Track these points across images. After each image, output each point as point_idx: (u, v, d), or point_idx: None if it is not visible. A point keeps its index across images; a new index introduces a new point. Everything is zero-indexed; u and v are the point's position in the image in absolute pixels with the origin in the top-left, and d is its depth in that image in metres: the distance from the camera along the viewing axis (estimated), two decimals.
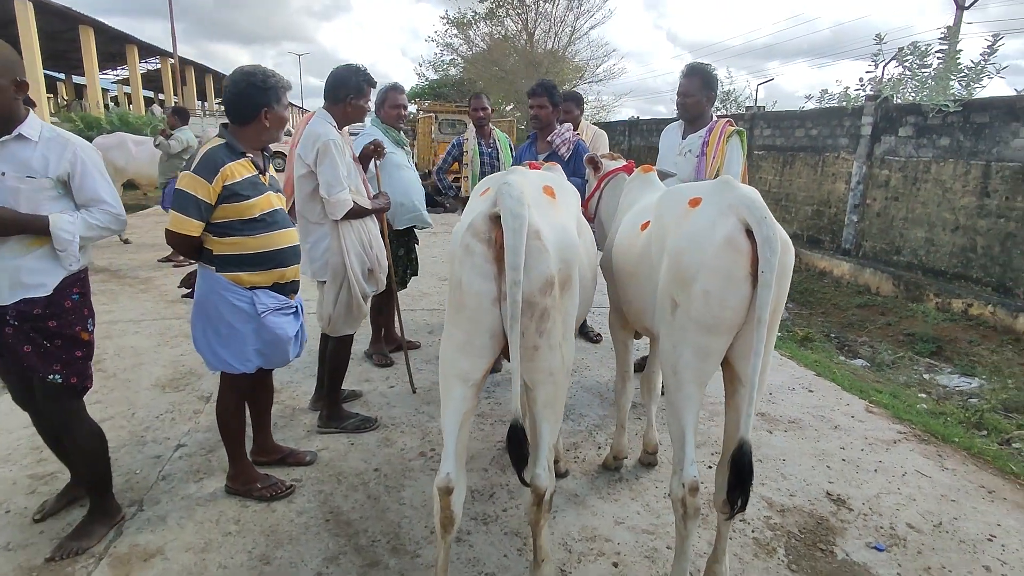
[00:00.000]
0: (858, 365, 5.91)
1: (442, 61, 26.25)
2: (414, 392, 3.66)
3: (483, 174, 4.55)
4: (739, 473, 1.75)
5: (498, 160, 4.58)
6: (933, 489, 2.89)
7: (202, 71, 32.53)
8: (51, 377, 2.05)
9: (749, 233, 1.66)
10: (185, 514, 2.46)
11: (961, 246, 7.86)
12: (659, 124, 17.09)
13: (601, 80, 21.82)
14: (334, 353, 3.11)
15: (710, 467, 2.99)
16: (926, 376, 6.13)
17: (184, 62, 27.10)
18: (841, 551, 2.41)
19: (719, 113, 13.99)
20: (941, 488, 2.90)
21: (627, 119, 17.32)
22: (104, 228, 2.10)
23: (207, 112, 27.23)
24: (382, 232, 3.20)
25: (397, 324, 3.93)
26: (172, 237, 2.19)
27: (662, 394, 2.28)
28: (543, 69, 21.58)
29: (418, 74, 30.19)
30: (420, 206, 4.16)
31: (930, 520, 2.64)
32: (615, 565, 2.27)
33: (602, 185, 2.96)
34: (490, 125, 4.52)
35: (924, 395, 4.87)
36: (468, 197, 4.66)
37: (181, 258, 6.84)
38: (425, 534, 2.39)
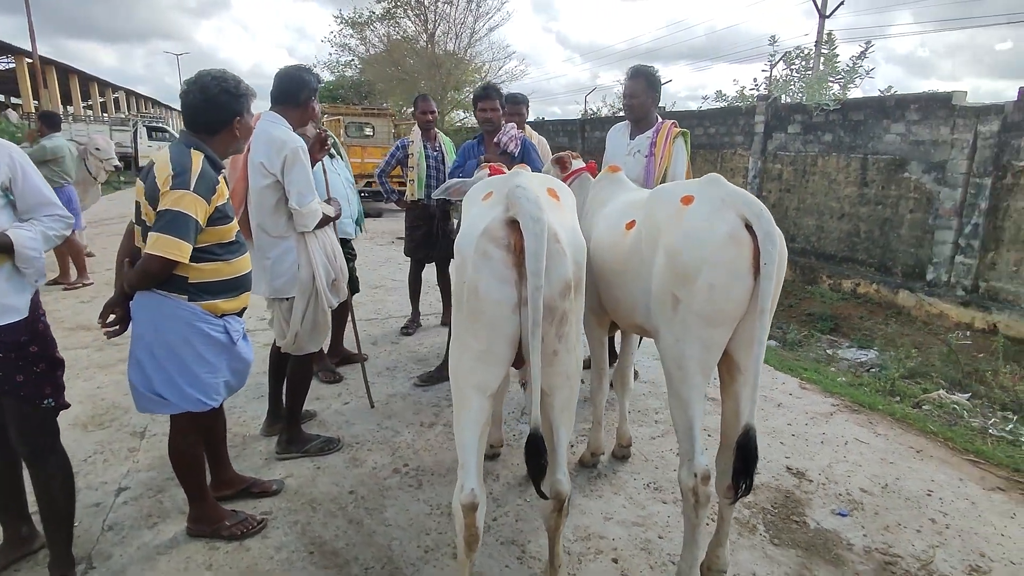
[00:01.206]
0: (773, 345, 6.36)
1: (338, 62, 25.42)
2: (372, 407, 3.51)
3: (429, 177, 4.45)
4: (745, 458, 1.82)
5: (443, 163, 4.50)
6: (873, 454, 3.17)
7: (65, 71, 29.40)
8: (45, 403, 1.96)
9: (748, 228, 1.73)
10: (146, 565, 2.21)
11: (847, 231, 8.68)
12: (564, 125, 17.53)
13: (503, 82, 21.99)
14: (296, 373, 2.91)
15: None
16: (829, 351, 6.72)
17: (44, 61, 24.32)
18: (812, 520, 2.58)
19: (620, 114, 14.52)
20: (879, 452, 3.19)
21: (532, 120, 17.59)
22: (59, 236, 1.92)
23: (75, 118, 24.68)
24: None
25: (350, 336, 3.76)
26: (157, 264, 1.90)
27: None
28: (444, 70, 21.45)
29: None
30: (359, 213, 4.01)
31: (877, 483, 2.89)
32: (615, 561, 2.30)
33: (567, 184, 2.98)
34: (435, 129, 4.44)
35: (833, 369, 5.33)
36: (413, 201, 4.56)
37: (73, 280, 6.14)
38: (420, 554, 2.30)
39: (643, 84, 3.25)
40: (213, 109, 2.03)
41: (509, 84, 22.18)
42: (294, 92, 2.72)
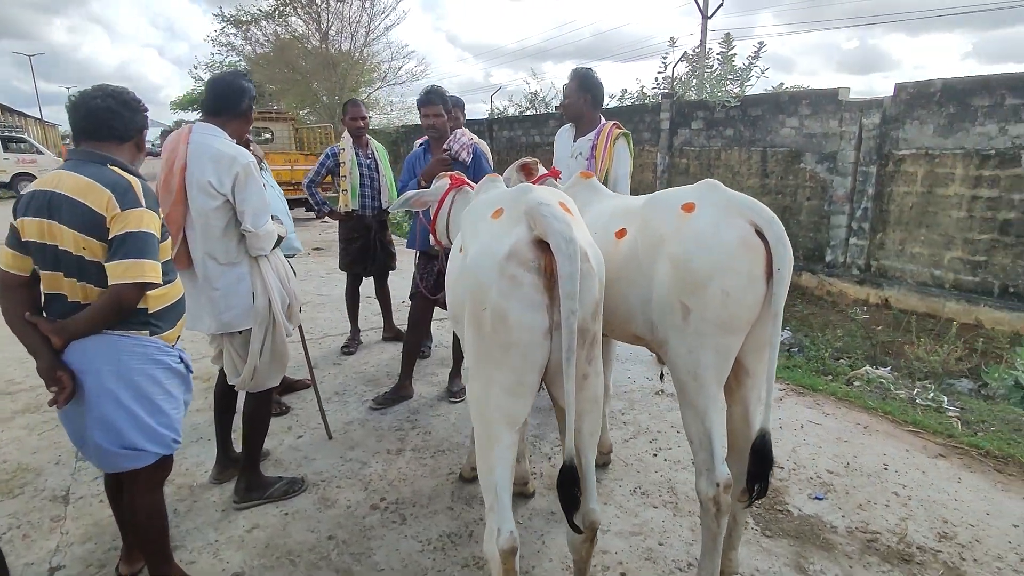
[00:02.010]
0: None
1: (221, 63, 23.81)
2: (330, 438, 3.26)
3: (363, 186, 4.21)
4: (761, 461, 1.83)
5: (377, 171, 4.27)
6: (828, 435, 3.35)
7: None
8: None
9: (758, 233, 1.73)
10: None
11: None
12: (470, 125, 17.41)
13: (404, 82, 21.53)
14: (255, 412, 2.62)
15: (655, 455, 3.13)
16: None
17: None
18: (794, 508, 2.67)
19: (527, 113, 14.57)
20: (833, 432, 3.37)
21: None
22: None
23: None
24: None
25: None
26: (134, 292, 1.71)
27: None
28: (340, 71, 20.68)
29: (194, 77, 26.95)
30: (292, 229, 3.71)
31: (840, 463, 3.05)
32: (624, 575, 2.26)
33: None
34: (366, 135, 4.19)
35: None
36: (347, 212, 4.28)
37: None
38: None
39: (575, 86, 3.27)
40: (128, 113, 1.83)
41: (410, 85, 21.74)
42: (234, 101, 2.44)
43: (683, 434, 3.31)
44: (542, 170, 2.98)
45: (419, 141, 3.80)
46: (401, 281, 5.44)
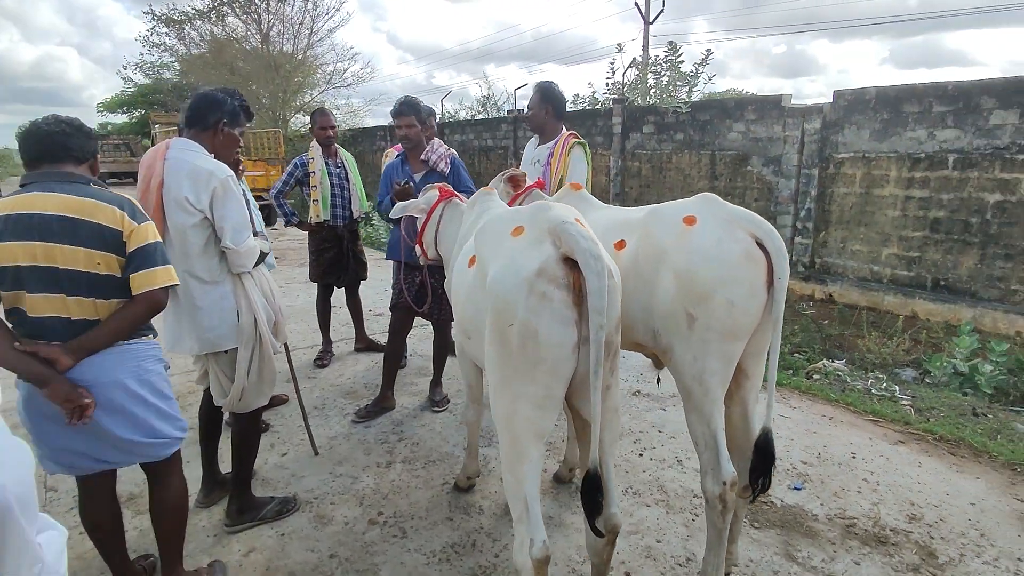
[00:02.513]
0: None
1: (152, 64, 22.80)
2: (316, 454, 3.20)
3: (334, 196, 4.15)
4: (765, 457, 1.95)
5: (347, 181, 4.22)
6: (797, 427, 3.54)
7: None
8: None
9: (759, 245, 1.84)
10: None
11: None
12: None
13: (350, 85, 21.17)
14: (245, 433, 2.56)
15: (641, 455, 3.23)
16: None
17: None
18: (777, 499, 2.82)
19: (479, 116, 14.62)
20: (802, 424, 3.57)
21: (389, 123, 17.15)
22: None
23: None
24: None
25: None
26: (167, 295, 1.91)
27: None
28: (283, 73, 20.18)
29: (123, 78, 25.64)
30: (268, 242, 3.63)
31: (812, 453, 3.24)
32: (628, 574, 2.33)
33: (515, 204, 2.94)
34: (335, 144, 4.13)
35: None
36: (318, 222, 4.21)
37: None
38: None
39: (537, 99, 3.49)
40: (83, 137, 1.90)
41: (356, 87, 21.41)
42: (202, 114, 2.38)
43: (665, 433, 3.46)
44: (528, 182, 3.05)
45: (395, 151, 3.78)
46: (367, 291, 5.38)
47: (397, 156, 3.68)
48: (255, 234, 2.70)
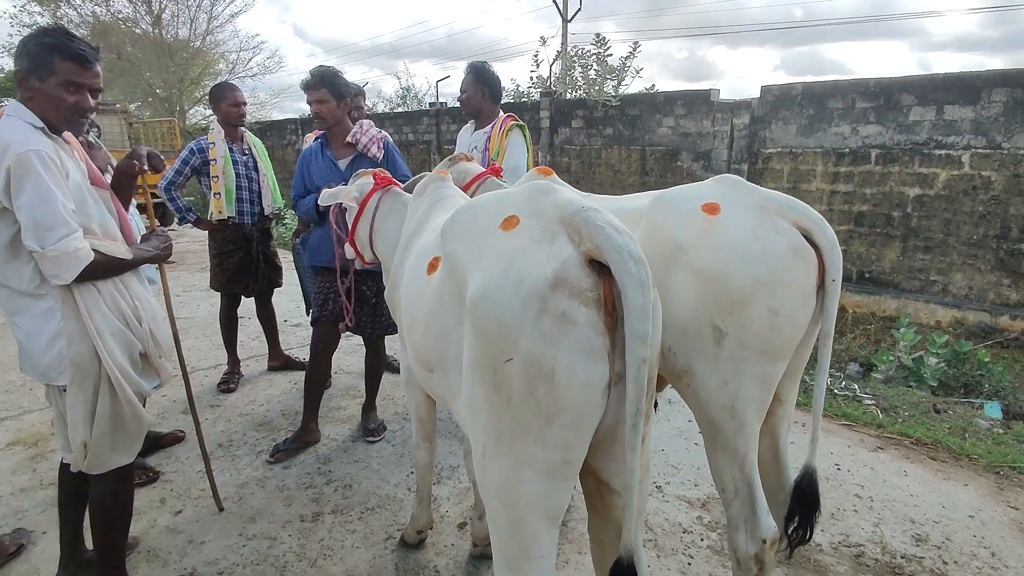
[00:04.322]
0: None
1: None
2: (222, 510, 2.56)
3: (240, 189, 3.46)
4: (805, 503, 1.57)
5: (256, 171, 3.54)
6: None
7: None
8: None
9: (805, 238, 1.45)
10: None
11: None
12: None
13: (255, 75, 19.69)
14: (105, 501, 1.90)
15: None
16: None
17: None
18: None
19: (399, 110, 13.93)
20: None
21: (299, 116, 16.04)
22: None
23: None
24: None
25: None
26: None
27: None
28: (179, 60, 18.51)
29: None
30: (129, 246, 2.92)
31: (795, 467, 2.95)
32: None
33: (468, 192, 2.44)
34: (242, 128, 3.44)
35: None
36: (220, 220, 3.51)
37: None
38: None
39: (471, 79, 3.21)
40: None
41: (263, 78, 20.03)
42: (18, 66, 1.74)
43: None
44: (476, 168, 2.56)
45: (314, 135, 3.17)
46: (280, 297, 4.68)
47: (316, 140, 3.06)
48: (151, 237, 2.06)
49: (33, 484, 2.73)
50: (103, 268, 1.79)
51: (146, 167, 2.05)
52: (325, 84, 2.86)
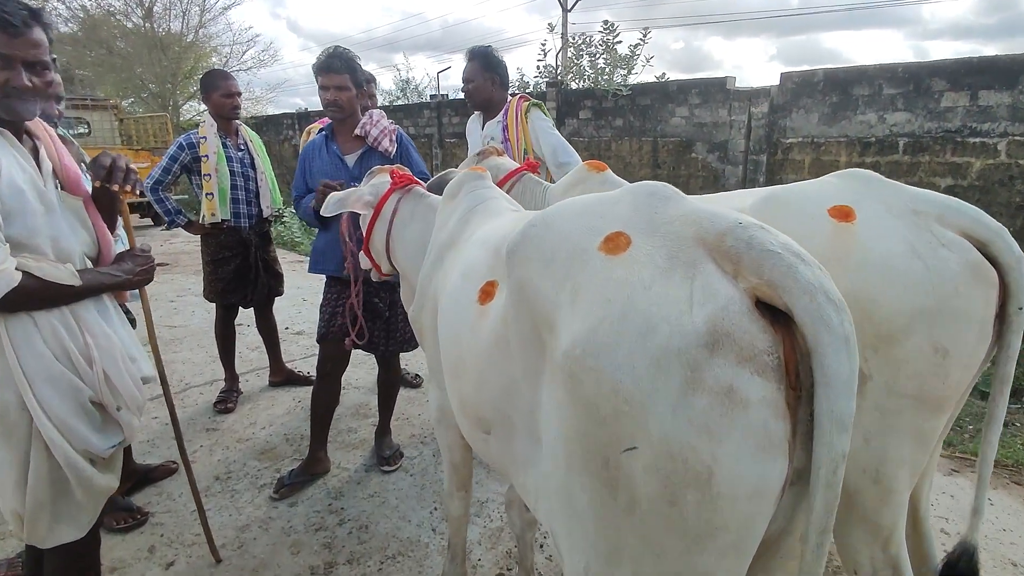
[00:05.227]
0: None
1: None
2: (219, 561, 2.22)
3: (235, 188, 3.11)
4: None
5: (253, 168, 3.18)
6: None
7: None
8: None
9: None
10: None
11: None
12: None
13: (250, 68, 19.20)
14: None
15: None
16: None
17: None
18: None
19: (398, 103, 13.51)
20: None
21: (296, 111, 15.63)
22: None
23: None
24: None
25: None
26: None
27: None
28: (171, 54, 18.09)
29: None
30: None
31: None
32: None
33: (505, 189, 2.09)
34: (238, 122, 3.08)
35: None
36: (213, 223, 3.16)
37: None
38: None
39: (478, 66, 2.88)
40: None
41: (258, 72, 19.59)
42: None
43: None
44: (509, 163, 2.22)
45: (318, 126, 2.81)
46: (281, 303, 4.34)
47: (320, 132, 2.70)
48: (120, 256, 1.69)
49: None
50: (38, 296, 1.40)
51: (125, 184, 1.66)
52: (347, 69, 2.49)
